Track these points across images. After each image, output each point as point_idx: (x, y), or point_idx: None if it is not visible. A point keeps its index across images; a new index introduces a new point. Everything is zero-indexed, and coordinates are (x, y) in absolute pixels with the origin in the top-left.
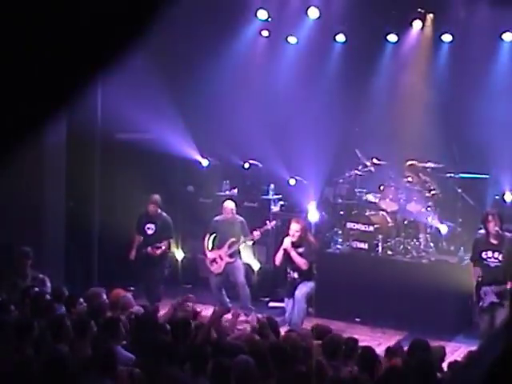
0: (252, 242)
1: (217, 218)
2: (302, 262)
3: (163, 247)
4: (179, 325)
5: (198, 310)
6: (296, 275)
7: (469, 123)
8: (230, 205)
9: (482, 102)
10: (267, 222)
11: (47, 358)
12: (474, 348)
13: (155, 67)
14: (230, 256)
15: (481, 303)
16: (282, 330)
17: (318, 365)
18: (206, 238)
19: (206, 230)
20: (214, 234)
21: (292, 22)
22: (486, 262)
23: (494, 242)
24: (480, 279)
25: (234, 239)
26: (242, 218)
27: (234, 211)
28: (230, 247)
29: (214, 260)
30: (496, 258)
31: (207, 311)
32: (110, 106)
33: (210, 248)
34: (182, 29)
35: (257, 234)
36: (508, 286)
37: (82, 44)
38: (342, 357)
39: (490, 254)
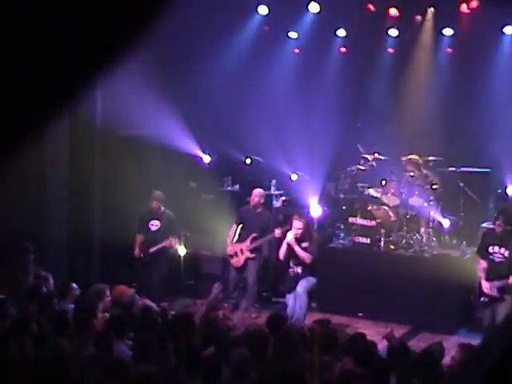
0: (273, 239)
1: (243, 207)
2: (306, 256)
3: (174, 241)
4: (181, 319)
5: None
6: (299, 270)
7: (471, 117)
8: (255, 191)
9: (483, 95)
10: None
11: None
12: (466, 342)
13: (156, 63)
14: (251, 251)
15: (482, 298)
16: None
17: (313, 359)
18: (233, 229)
19: (234, 219)
20: (241, 225)
21: (292, 16)
22: (491, 256)
23: (502, 236)
24: (484, 274)
25: (255, 234)
26: (268, 212)
27: (260, 200)
28: (251, 242)
29: (234, 253)
30: (501, 254)
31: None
32: (111, 103)
33: (236, 239)
34: (183, 24)
35: (278, 232)
36: (510, 281)
37: (83, 42)
38: (338, 351)
39: (496, 248)
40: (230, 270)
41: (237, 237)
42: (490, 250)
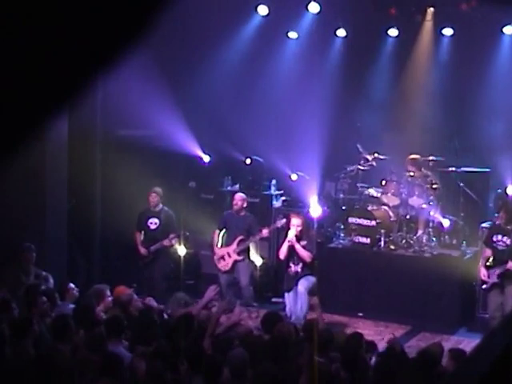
0: (260, 239)
1: (226, 212)
2: (306, 255)
3: (174, 240)
4: (182, 320)
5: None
6: (299, 268)
7: (470, 117)
8: (238, 196)
9: (483, 95)
10: (277, 220)
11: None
12: (456, 347)
13: (156, 63)
14: (239, 254)
15: (484, 286)
16: None
17: (309, 359)
18: (216, 234)
19: (217, 225)
20: (224, 230)
21: (292, 16)
22: (494, 244)
23: (505, 227)
24: (487, 263)
25: (242, 237)
26: (251, 215)
27: (244, 204)
28: (238, 245)
29: (221, 257)
30: (504, 242)
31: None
32: (110, 103)
33: (219, 244)
34: (183, 24)
35: (265, 231)
36: (507, 266)
37: (84, 42)
38: (333, 351)
39: (499, 237)
40: (220, 275)
41: (221, 241)
42: (494, 238)
